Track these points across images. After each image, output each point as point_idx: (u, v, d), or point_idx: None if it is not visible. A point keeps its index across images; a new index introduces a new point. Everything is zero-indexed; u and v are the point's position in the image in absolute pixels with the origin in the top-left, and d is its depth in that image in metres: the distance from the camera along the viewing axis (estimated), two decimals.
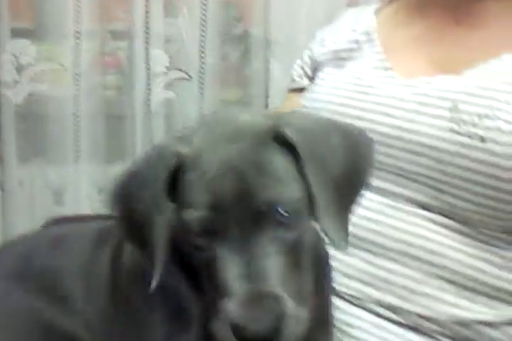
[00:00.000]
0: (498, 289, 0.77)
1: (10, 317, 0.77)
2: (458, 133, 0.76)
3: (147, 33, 1.67)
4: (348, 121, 0.84)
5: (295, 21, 1.71)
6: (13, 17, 1.61)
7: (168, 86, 1.68)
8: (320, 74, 0.97)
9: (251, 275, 0.58)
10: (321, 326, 0.74)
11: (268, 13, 1.72)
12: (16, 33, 1.62)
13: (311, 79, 0.99)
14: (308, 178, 0.60)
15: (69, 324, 0.75)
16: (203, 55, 1.70)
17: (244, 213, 0.59)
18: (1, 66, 1.59)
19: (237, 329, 0.57)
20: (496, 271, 0.77)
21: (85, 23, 1.66)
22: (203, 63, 1.70)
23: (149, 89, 1.67)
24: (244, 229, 0.59)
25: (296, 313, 0.58)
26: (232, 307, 0.57)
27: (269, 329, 0.56)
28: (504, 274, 0.78)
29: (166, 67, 1.68)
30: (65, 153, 1.67)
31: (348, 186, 0.62)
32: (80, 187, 1.70)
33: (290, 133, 0.60)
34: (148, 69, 1.68)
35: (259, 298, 0.57)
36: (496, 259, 0.78)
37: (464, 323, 0.77)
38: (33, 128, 1.68)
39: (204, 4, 1.68)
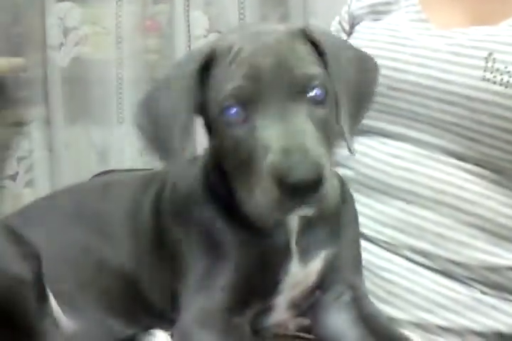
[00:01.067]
0: None
1: (66, 249, 0.82)
2: (492, 82, 0.77)
3: None
4: (384, 72, 0.86)
5: None
6: None
7: None
8: (357, 28, 0.98)
9: (290, 135, 0.60)
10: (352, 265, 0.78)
11: None
12: None
13: (349, 34, 1.00)
14: (331, 74, 0.66)
15: (116, 257, 0.81)
16: (242, 16, 1.71)
17: (282, 85, 0.62)
18: (47, 29, 1.63)
19: (280, 175, 0.58)
20: None
21: None
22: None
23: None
24: (283, 100, 0.62)
25: (331, 173, 0.61)
26: (272, 157, 0.59)
27: (311, 175, 0.57)
28: None
29: (206, 30, 1.69)
30: (109, 116, 1.72)
31: (358, 93, 0.68)
32: (124, 149, 1.74)
33: (317, 35, 0.67)
34: (188, 32, 1.70)
35: (299, 148, 0.59)
36: None
37: (494, 269, 0.79)
38: (78, 91, 1.73)
39: None
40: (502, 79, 0.76)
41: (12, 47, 1.67)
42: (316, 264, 0.75)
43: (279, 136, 0.60)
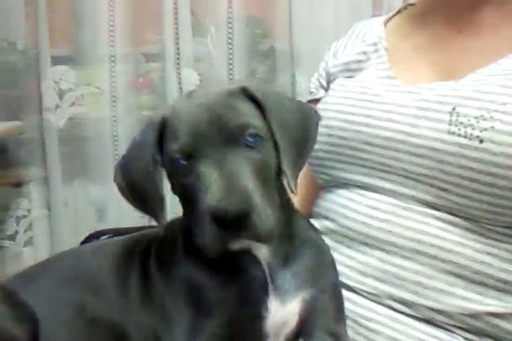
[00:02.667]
0: (506, 282, 0.80)
1: (61, 310, 0.84)
2: (457, 134, 0.79)
3: (177, 54, 1.75)
4: (358, 128, 0.90)
5: (319, 35, 1.77)
6: (52, 46, 1.71)
7: None
8: (332, 86, 1.02)
9: (225, 176, 0.68)
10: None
11: (292, 28, 1.78)
12: (56, 61, 1.72)
13: (326, 90, 1.04)
14: (271, 123, 0.74)
15: (107, 313, 0.82)
16: (231, 71, 1.77)
17: (217, 136, 0.71)
18: (42, 92, 1.69)
19: (212, 211, 0.66)
20: (502, 264, 0.80)
21: (119, 47, 1.74)
22: (231, 79, 1.77)
23: None
24: (219, 149, 0.70)
25: (264, 205, 0.68)
26: (208, 195, 0.68)
27: (241, 208, 0.66)
28: (511, 267, 0.80)
29: (197, 86, 1.75)
30: (105, 172, 1.75)
31: (299, 139, 0.77)
32: (122, 204, 1.77)
33: (256, 92, 0.75)
34: (180, 88, 1.75)
35: (228, 186, 0.67)
36: (502, 253, 0.80)
37: (474, 315, 0.79)
38: (75, 149, 1.78)
39: (230, 22, 1.76)
40: (466, 132, 0.79)
41: (9, 111, 1.72)
42: (295, 306, 0.77)
43: (216, 178, 0.68)
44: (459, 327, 0.80)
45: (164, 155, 0.75)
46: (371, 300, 0.84)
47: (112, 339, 0.82)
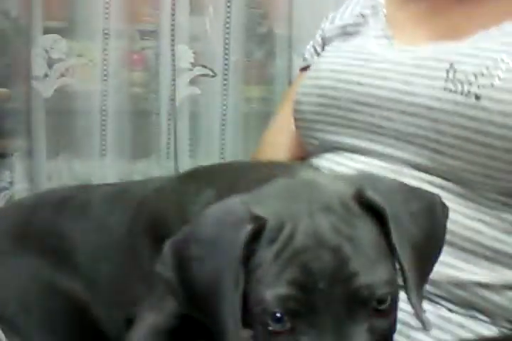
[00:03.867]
0: (497, 251, 0.77)
1: (11, 275, 0.79)
2: (453, 92, 0.76)
3: (173, 31, 1.71)
4: (349, 86, 0.86)
5: (319, 19, 1.73)
6: (45, 16, 1.67)
7: (193, 82, 1.72)
8: (326, 48, 0.99)
9: None
10: None
11: (292, 12, 1.75)
12: (48, 31, 1.68)
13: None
14: (396, 246, 0.55)
15: (71, 285, 0.78)
16: (227, 52, 1.74)
17: (340, 296, 0.52)
18: (32, 60, 1.65)
19: None
20: (494, 232, 0.77)
21: (114, 23, 1.71)
22: (227, 60, 1.73)
23: (174, 85, 1.71)
24: (340, 315, 0.52)
25: None
26: None
27: None
28: (503, 236, 0.77)
29: (191, 64, 1.71)
30: (92, 147, 1.72)
31: (426, 249, 0.59)
32: (106, 182, 1.73)
33: (377, 199, 0.56)
34: (173, 65, 1.72)
35: None
36: (494, 221, 0.77)
37: (461, 284, 0.76)
38: (61, 122, 1.73)
39: (229, 3, 1.73)
40: (463, 89, 0.76)
41: None
42: None
43: None
44: (445, 298, 0.77)
45: (250, 281, 0.54)
46: None
47: (69, 310, 0.78)
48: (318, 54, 1.04)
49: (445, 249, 0.76)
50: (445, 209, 0.62)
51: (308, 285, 0.52)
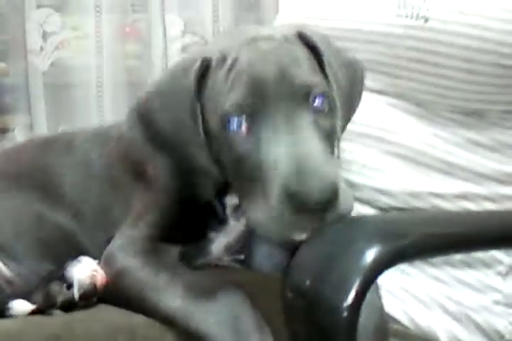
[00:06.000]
0: (450, 164, 0.80)
1: (4, 209, 0.84)
2: (404, 16, 0.80)
3: (162, 1, 1.75)
4: (318, 21, 0.90)
5: None
6: None
7: (184, 50, 1.76)
8: None
9: (299, 153, 0.58)
10: None
11: None
12: (41, 6, 1.72)
13: None
14: (328, 78, 0.65)
15: (58, 215, 0.83)
16: (215, 19, 1.77)
17: (285, 94, 0.60)
18: (26, 34, 1.69)
19: (291, 194, 0.56)
20: (447, 146, 0.81)
21: None
22: (216, 27, 1.77)
23: (166, 54, 1.74)
24: (286, 110, 0.60)
25: (341, 182, 0.59)
26: (284, 179, 0.57)
27: (327, 197, 0.56)
28: (455, 150, 0.81)
29: (182, 31, 1.75)
30: (90, 118, 1.76)
31: (349, 95, 0.69)
32: None
33: (313, 39, 0.67)
34: (164, 35, 1.75)
35: (311, 170, 0.57)
36: (448, 135, 0.81)
37: (417, 195, 0.80)
38: (59, 95, 1.77)
39: None
40: (412, 13, 0.80)
41: None
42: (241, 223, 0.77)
43: (288, 153, 0.58)
44: (401, 209, 0.80)
45: (206, 109, 0.64)
46: None
47: (58, 235, 0.82)
48: None
49: (402, 162, 0.81)
50: (362, 68, 0.74)
51: (258, 89, 0.60)
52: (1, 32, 1.73)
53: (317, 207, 0.56)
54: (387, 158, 0.81)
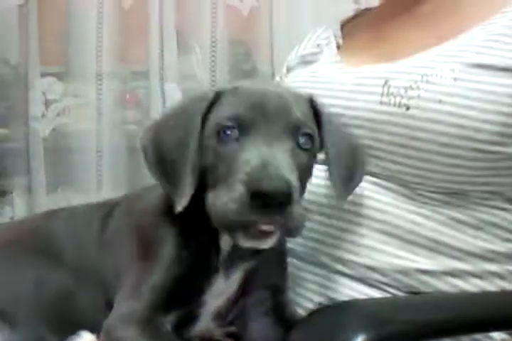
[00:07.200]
0: (436, 241, 0.83)
1: (6, 275, 0.87)
2: (387, 104, 0.85)
3: (162, 70, 1.82)
4: None
5: None
6: (42, 61, 1.78)
7: None
8: (288, 75, 1.09)
9: (270, 157, 0.66)
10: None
11: (273, 50, 1.86)
12: (45, 75, 1.79)
13: None
14: (324, 137, 0.75)
15: (59, 279, 0.85)
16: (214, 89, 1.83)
17: (278, 120, 0.69)
18: (29, 102, 1.75)
19: (255, 181, 0.63)
20: (432, 224, 0.84)
21: (106, 65, 1.81)
22: None
23: None
24: (274, 132, 0.69)
25: (299, 201, 0.67)
26: (248, 168, 0.65)
27: (281, 188, 0.63)
28: (440, 228, 0.84)
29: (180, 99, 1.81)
30: (88, 183, 1.81)
31: (349, 165, 0.77)
32: None
33: (320, 105, 0.77)
34: (163, 102, 1.81)
35: (274, 166, 0.65)
36: (434, 215, 0.84)
37: (405, 272, 0.82)
38: (59, 160, 1.82)
39: (214, 43, 1.84)
40: (395, 101, 0.84)
41: None
42: (237, 276, 0.80)
43: (261, 155, 0.66)
44: (391, 285, 0.83)
45: (207, 125, 0.71)
46: (309, 261, 0.88)
47: (57, 299, 0.85)
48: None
49: (390, 240, 0.84)
50: (364, 152, 0.82)
51: (258, 110, 0.69)
52: (4, 99, 1.79)
53: (271, 195, 0.62)
54: (376, 235, 0.84)
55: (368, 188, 0.86)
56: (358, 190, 0.86)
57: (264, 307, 0.82)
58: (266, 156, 0.66)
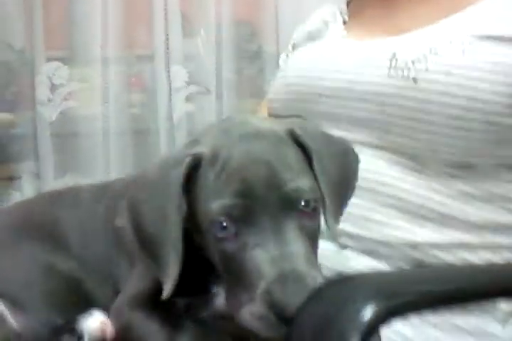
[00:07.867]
0: (445, 215, 0.83)
1: (14, 260, 0.87)
2: (395, 77, 0.84)
3: (167, 53, 1.81)
4: (311, 82, 0.94)
5: None
6: (47, 46, 1.78)
7: (188, 99, 1.81)
8: (294, 52, 1.08)
9: (283, 258, 0.60)
10: None
11: (278, 30, 1.85)
12: (50, 59, 1.78)
13: None
14: (318, 177, 0.67)
15: (67, 266, 0.85)
16: (219, 70, 1.83)
17: (273, 200, 0.62)
18: (36, 87, 1.75)
19: (277, 307, 0.58)
20: (442, 199, 0.83)
21: (111, 49, 1.80)
22: (220, 78, 1.83)
23: (171, 103, 1.80)
24: (274, 216, 0.62)
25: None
26: (271, 286, 0.59)
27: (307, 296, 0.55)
28: (450, 201, 0.83)
29: (186, 82, 1.81)
30: (96, 167, 1.80)
31: (341, 186, 0.71)
32: None
33: (303, 137, 0.68)
34: (169, 84, 1.81)
35: (293, 276, 0.59)
36: (443, 189, 0.83)
37: (412, 245, 0.82)
38: (66, 145, 1.82)
39: (219, 24, 1.83)
40: (403, 74, 0.84)
41: (5, 106, 1.78)
42: None
43: (272, 259, 0.60)
44: (399, 258, 0.83)
45: (194, 207, 0.64)
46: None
47: (66, 285, 0.85)
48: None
49: (398, 214, 0.84)
50: (356, 156, 0.75)
51: (247, 194, 0.62)
52: (9, 84, 1.79)
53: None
54: (384, 209, 0.84)
55: (375, 163, 0.86)
56: (363, 164, 0.86)
57: None
58: (277, 259, 0.60)
